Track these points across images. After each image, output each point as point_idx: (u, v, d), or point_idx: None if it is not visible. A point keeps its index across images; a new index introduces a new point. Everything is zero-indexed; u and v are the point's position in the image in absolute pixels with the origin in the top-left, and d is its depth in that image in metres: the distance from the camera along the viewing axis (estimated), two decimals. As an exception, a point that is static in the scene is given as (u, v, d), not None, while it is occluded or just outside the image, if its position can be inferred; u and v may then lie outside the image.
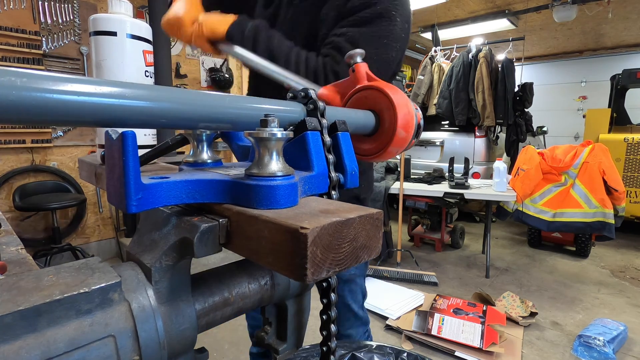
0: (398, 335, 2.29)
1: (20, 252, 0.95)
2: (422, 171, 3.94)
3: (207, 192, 0.33)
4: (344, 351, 1.03)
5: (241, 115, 0.37)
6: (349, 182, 0.41)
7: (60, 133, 3.23)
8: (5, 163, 2.99)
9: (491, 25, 5.50)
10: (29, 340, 0.25)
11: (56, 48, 3.14)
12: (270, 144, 0.32)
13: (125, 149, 0.27)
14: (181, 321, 0.34)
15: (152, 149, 0.52)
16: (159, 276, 0.33)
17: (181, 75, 4.07)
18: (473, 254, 3.85)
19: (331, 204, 0.34)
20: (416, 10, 4.96)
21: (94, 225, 3.54)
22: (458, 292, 2.90)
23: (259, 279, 0.42)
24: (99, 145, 0.62)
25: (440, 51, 4.63)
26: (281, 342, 0.47)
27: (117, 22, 0.57)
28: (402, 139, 0.53)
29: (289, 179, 0.32)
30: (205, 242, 0.31)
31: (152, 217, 0.38)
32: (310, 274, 0.26)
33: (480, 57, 4.06)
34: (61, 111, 0.25)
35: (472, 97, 4.12)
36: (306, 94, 0.43)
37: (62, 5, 3.15)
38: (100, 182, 0.54)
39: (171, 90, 0.32)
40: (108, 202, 0.74)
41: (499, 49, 4.75)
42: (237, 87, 4.47)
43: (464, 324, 2.23)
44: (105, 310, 0.28)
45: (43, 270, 0.30)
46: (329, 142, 0.40)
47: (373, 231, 0.32)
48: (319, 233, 0.26)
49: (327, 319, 0.41)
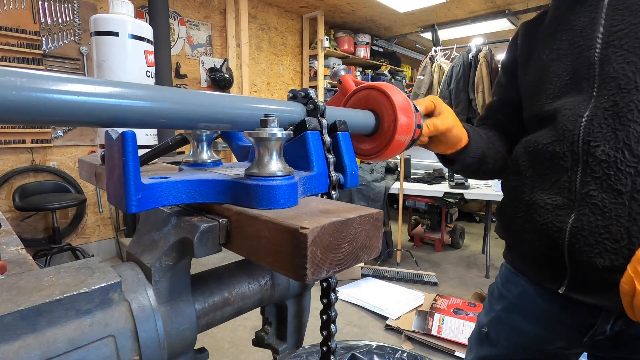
0: (398, 335, 2.29)
1: (20, 252, 0.95)
2: (422, 171, 3.94)
3: (207, 192, 0.33)
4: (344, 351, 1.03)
5: (241, 115, 0.37)
6: (349, 182, 0.41)
7: (60, 133, 3.23)
8: (5, 163, 2.99)
9: (491, 25, 5.49)
10: (29, 340, 0.25)
11: (56, 48, 3.14)
12: (270, 144, 0.32)
13: (125, 149, 0.27)
14: (181, 321, 0.34)
15: (152, 149, 0.52)
16: (159, 276, 0.33)
17: (181, 75, 4.07)
18: (473, 254, 3.84)
19: (331, 203, 0.34)
20: (416, 10, 4.96)
21: (94, 225, 3.54)
22: (458, 292, 2.90)
23: (259, 279, 0.42)
24: (99, 145, 0.62)
25: (440, 51, 4.63)
26: (281, 342, 0.47)
27: (119, 22, 0.57)
28: (402, 139, 0.53)
29: (289, 179, 0.32)
30: (205, 242, 0.31)
31: (152, 217, 0.38)
32: (310, 274, 0.26)
33: (480, 57, 4.06)
34: (61, 111, 0.25)
35: (472, 97, 4.12)
36: (306, 94, 0.43)
37: (62, 5, 3.15)
38: (100, 182, 0.54)
39: (171, 90, 0.32)
40: (108, 202, 0.74)
41: (499, 49, 4.75)
42: (237, 87, 4.47)
43: (464, 324, 2.23)
44: (105, 310, 0.28)
45: (43, 270, 0.30)
46: (329, 142, 0.40)
47: (373, 231, 0.32)
48: (319, 233, 0.26)
49: (327, 319, 0.41)
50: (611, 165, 0.59)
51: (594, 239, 0.61)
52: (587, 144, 0.62)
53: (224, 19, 4.44)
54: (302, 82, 5.57)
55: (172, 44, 3.86)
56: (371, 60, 6.05)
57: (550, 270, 0.69)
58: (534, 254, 0.72)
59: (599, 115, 0.61)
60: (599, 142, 0.61)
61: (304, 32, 5.42)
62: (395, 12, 5.02)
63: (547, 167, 0.68)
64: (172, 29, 3.88)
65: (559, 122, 0.66)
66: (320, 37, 5.21)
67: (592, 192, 0.61)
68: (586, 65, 0.64)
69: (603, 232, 0.60)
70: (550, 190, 0.68)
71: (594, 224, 0.61)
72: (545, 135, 0.69)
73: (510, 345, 0.81)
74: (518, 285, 0.80)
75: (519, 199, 0.74)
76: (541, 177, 0.70)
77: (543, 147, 0.69)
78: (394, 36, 6.41)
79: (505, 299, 0.83)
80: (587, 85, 0.64)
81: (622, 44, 0.60)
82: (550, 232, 0.66)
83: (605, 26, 0.62)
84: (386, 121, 0.52)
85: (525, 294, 0.78)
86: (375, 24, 5.78)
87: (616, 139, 0.59)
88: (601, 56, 0.62)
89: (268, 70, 5.06)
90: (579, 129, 0.63)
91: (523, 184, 0.74)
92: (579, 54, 0.66)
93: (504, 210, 0.80)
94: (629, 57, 0.59)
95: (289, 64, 5.37)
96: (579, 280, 0.65)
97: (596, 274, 0.61)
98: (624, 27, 0.60)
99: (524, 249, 0.74)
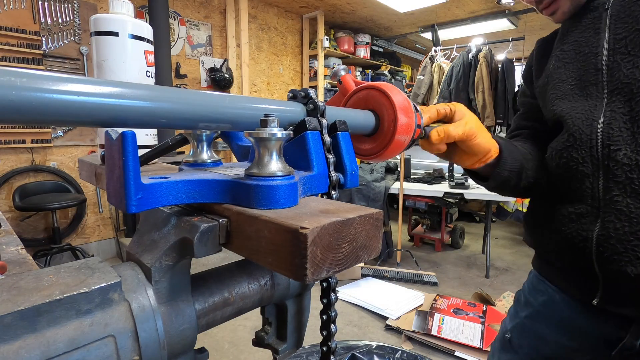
0: (398, 335, 2.29)
1: (20, 252, 0.95)
2: (422, 171, 3.94)
3: (207, 192, 0.33)
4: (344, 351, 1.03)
5: (241, 115, 0.37)
6: (349, 182, 0.41)
7: (60, 133, 3.23)
8: (5, 163, 3.00)
9: (491, 25, 5.50)
10: (29, 340, 0.25)
11: (56, 48, 3.14)
12: (270, 143, 0.32)
13: (125, 149, 0.27)
14: (181, 321, 0.34)
15: (152, 149, 0.52)
16: (159, 276, 0.33)
17: (181, 75, 4.07)
18: (473, 254, 3.85)
19: (331, 203, 0.34)
20: (416, 10, 4.96)
21: (94, 225, 3.54)
22: (458, 292, 2.90)
23: (259, 279, 0.42)
24: (99, 145, 0.62)
25: (440, 51, 4.63)
26: (281, 342, 0.47)
27: (119, 22, 0.57)
28: (402, 139, 0.53)
29: (289, 179, 0.32)
30: (205, 242, 0.31)
31: (152, 217, 0.38)
32: (310, 274, 0.26)
33: (480, 57, 4.06)
34: (61, 111, 0.25)
35: (472, 97, 4.12)
36: (306, 94, 0.43)
37: (62, 5, 3.15)
38: (100, 182, 0.54)
39: (171, 90, 0.32)
40: (108, 202, 0.74)
41: (499, 49, 4.75)
42: (237, 87, 4.47)
43: (464, 324, 2.23)
44: (105, 310, 0.28)
45: (43, 270, 0.30)
46: (329, 142, 0.40)
47: (373, 231, 0.32)
48: (319, 233, 0.26)
49: (327, 319, 0.41)
50: (634, 168, 0.58)
51: (623, 247, 0.59)
52: (607, 148, 0.61)
53: (224, 19, 4.44)
54: (302, 82, 5.57)
55: (172, 44, 3.86)
56: (371, 60, 6.05)
57: (582, 282, 0.68)
58: (563, 265, 0.70)
59: (618, 119, 0.60)
60: (619, 145, 0.60)
61: (304, 32, 5.42)
62: (395, 12, 5.02)
63: (567, 173, 0.67)
64: (172, 29, 3.88)
65: (572, 126, 0.66)
66: (320, 37, 5.21)
67: (616, 197, 0.60)
68: (593, 71, 0.64)
69: (632, 239, 0.58)
70: (573, 198, 0.66)
71: (621, 230, 0.59)
72: (559, 141, 0.69)
73: (533, 353, 0.79)
74: (544, 293, 0.78)
75: (543, 208, 0.73)
76: (563, 185, 0.68)
77: (558, 152, 0.69)
78: (394, 36, 6.41)
79: (530, 306, 0.81)
80: (596, 90, 0.64)
81: (630, 50, 0.60)
82: (577, 241, 0.64)
83: (610, 35, 0.63)
84: (386, 121, 0.52)
85: (552, 302, 0.76)
86: (375, 24, 5.78)
87: (636, 142, 0.58)
88: (609, 62, 0.62)
89: (268, 70, 5.06)
90: (596, 133, 0.62)
91: (545, 192, 0.73)
92: (584, 61, 0.66)
93: (529, 219, 0.78)
94: (637, 61, 0.59)
95: (289, 64, 5.37)
96: (612, 291, 0.63)
97: (629, 283, 0.59)
98: (629, 34, 0.60)
99: (552, 259, 0.73)
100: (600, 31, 0.64)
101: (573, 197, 0.66)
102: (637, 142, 0.58)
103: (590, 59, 0.65)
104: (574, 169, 0.66)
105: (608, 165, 0.61)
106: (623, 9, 0.62)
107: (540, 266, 0.80)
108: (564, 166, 0.67)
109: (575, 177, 0.66)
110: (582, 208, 0.64)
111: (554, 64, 0.73)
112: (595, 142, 0.62)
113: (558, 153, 0.68)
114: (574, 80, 0.68)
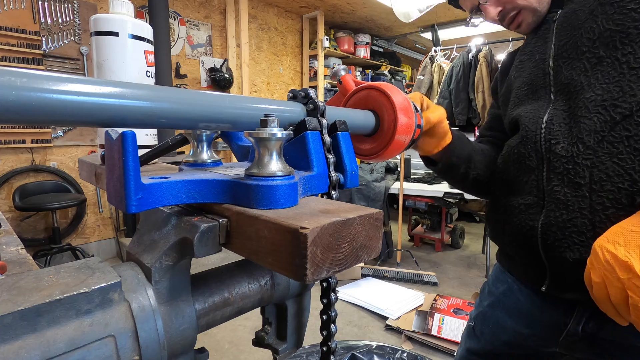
0: (398, 335, 2.29)
1: (20, 252, 0.95)
2: (422, 171, 3.94)
3: (207, 192, 0.33)
4: (344, 351, 1.03)
5: (241, 115, 0.37)
6: (349, 182, 0.41)
7: (60, 133, 3.23)
8: (5, 163, 3.00)
9: (491, 25, 5.50)
10: (29, 340, 0.25)
11: (56, 48, 3.14)
12: (270, 143, 0.32)
13: (125, 149, 0.27)
14: (181, 321, 0.34)
15: (152, 149, 0.52)
16: (159, 276, 0.33)
17: (181, 75, 4.07)
18: (473, 254, 3.85)
19: (331, 204, 0.34)
20: (416, 10, 4.96)
21: (94, 225, 3.54)
22: (458, 292, 2.90)
23: (259, 279, 0.42)
24: (99, 145, 0.62)
25: (440, 51, 4.63)
26: (281, 342, 0.47)
27: (119, 22, 0.57)
28: (402, 139, 0.53)
29: (289, 179, 0.32)
30: (205, 242, 0.31)
31: (152, 217, 0.38)
32: (310, 274, 0.26)
33: (480, 57, 4.06)
34: (61, 111, 0.25)
35: (472, 97, 4.12)
36: (306, 94, 0.43)
37: (62, 5, 3.15)
38: (100, 182, 0.54)
39: (171, 90, 0.32)
40: (108, 202, 0.74)
41: (499, 49, 4.74)
42: (237, 87, 4.47)
43: (464, 324, 2.23)
44: (105, 310, 0.28)
45: (43, 270, 0.30)
46: (329, 142, 0.40)
47: (373, 231, 0.32)
48: (319, 233, 0.26)
49: (327, 319, 0.41)
50: (569, 159, 0.63)
51: (562, 234, 0.63)
52: (548, 142, 0.67)
53: (224, 19, 4.44)
54: (302, 82, 5.57)
55: (172, 44, 3.86)
56: (371, 60, 6.05)
57: (532, 269, 0.72)
58: (515, 255, 0.75)
59: (559, 116, 0.67)
60: (558, 139, 0.65)
61: (304, 32, 5.42)
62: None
63: (517, 168, 0.73)
64: (172, 29, 3.88)
65: (522, 125, 0.73)
66: (320, 37, 5.21)
67: (556, 187, 0.65)
68: (542, 76, 0.72)
69: (569, 226, 0.63)
70: (523, 190, 0.72)
71: (560, 218, 0.64)
72: (513, 139, 0.75)
73: (494, 339, 0.85)
74: (504, 282, 0.84)
75: (498, 202, 0.79)
76: (514, 179, 0.74)
77: (511, 149, 0.75)
78: (394, 36, 6.41)
79: (492, 295, 0.87)
80: (545, 92, 0.71)
81: (569, 54, 0.67)
82: (524, 230, 0.69)
83: (555, 42, 0.70)
84: (386, 121, 0.52)
85: (510, 291, 0.82)
86: (375, 24, 5.78)
87: (571, 134, 0.64)
88: (554, 66, 0.70)
89: (268, 70, 5.06)
90: (540, 129, 0.68)
91: (500, 187, 0.79)
92: (535, 67, 0.74)
93: (489, 213, 0.85)
94: (574, 63, 0.66)
95: (289, 64, 5.37)
96: (557, 277, 0.67)
97: (570, 269, 0.64)
98: (568, 39, 0.68)
99: (507, 250, 0.78)
100: (548, 40, 0.72)
101: (522, 189, 0.72)
102: (572, 136, 0.64)
103: (540, 65, 0.73)
104: (523, 164, 0.72)
105: (549, 158, 0.66)
106: (566, 19, 0.69)
107: (501, 258, 0.86)
108: (516, 162, 0.73)
109: (524, 171, 0.71)
110: (529, 199, 0.70)
111: (514, 73, 0.81)
112: (539, 137, 0.69)
113: (511, 149, 0.75)
114: (527, 85, 0.75)
